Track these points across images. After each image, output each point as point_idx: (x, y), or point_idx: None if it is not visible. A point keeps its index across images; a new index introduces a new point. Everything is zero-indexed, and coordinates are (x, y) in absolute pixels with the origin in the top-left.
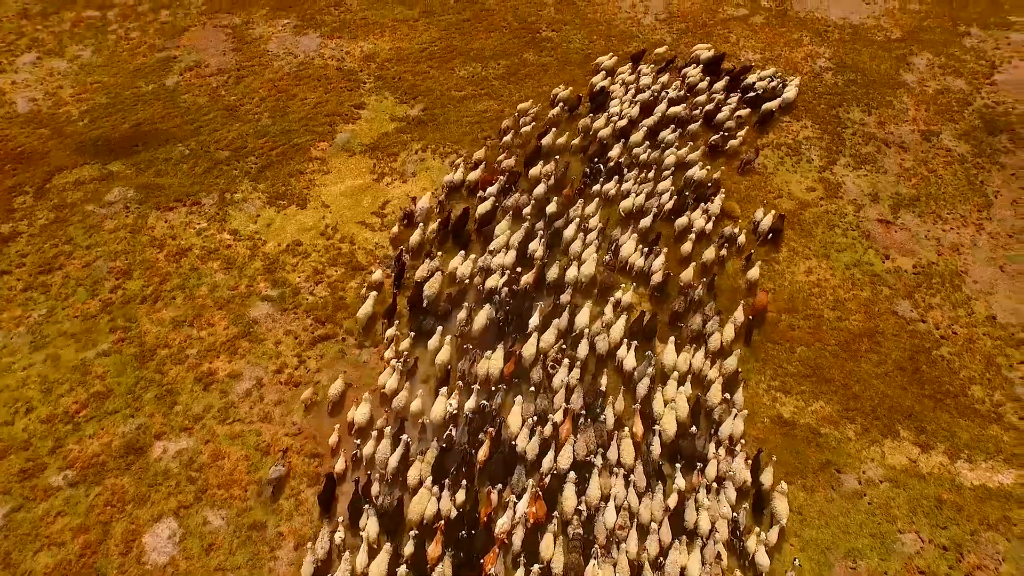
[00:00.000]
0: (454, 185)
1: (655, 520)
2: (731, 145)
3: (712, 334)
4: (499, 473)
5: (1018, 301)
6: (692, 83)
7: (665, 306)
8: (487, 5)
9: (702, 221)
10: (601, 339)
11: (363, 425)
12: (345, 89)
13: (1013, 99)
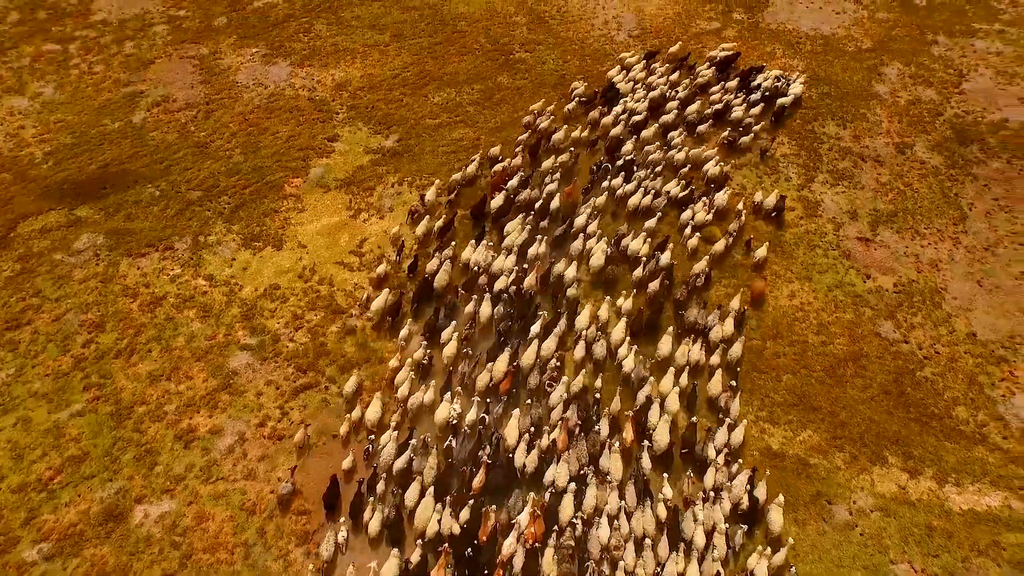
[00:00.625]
0: (467, 180)
1: (648, 535)
2: (743, 141)
3: (713, 327)
4: (499, 486)
5: (996, 316)
6: (702, 83)
7: (669, 296)
8: (459, 27)
9: (703, 214)
10: (599, 345)
11: (375, 424)
12: (317, 120)
13: (981, 108)
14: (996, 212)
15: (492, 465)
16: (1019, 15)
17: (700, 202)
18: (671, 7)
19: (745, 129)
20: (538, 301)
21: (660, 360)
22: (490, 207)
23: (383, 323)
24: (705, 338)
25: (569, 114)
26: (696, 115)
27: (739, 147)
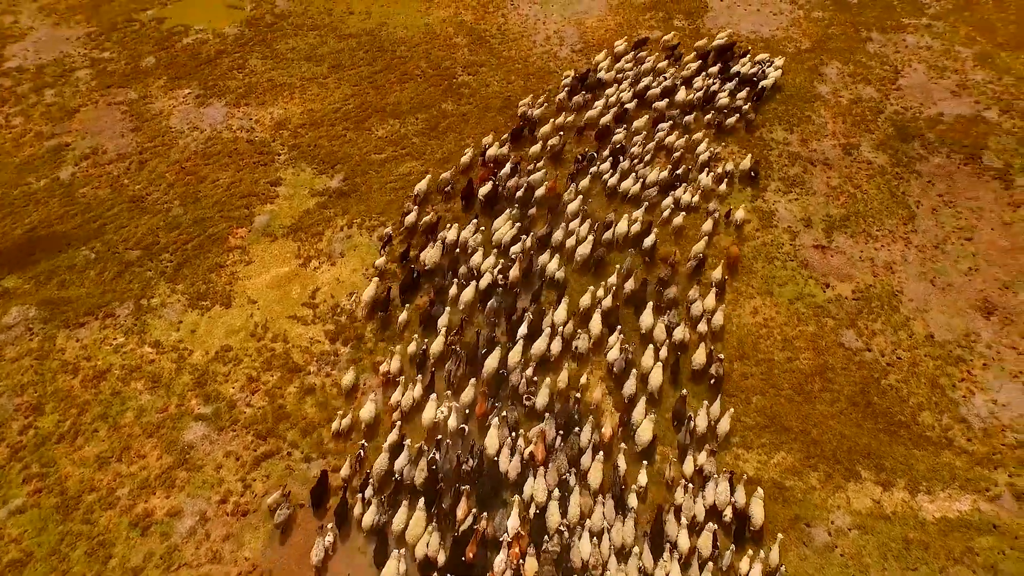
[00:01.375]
0: (462, 169)
1: (627, 545)
2: (729, 123)
3: (695, 301)
4: (486, 494)
5: (950, 314)
6: (687, 75)
7: (652, 274)
8: (398, 53)
9: (688, 196)
10: (582, 340)
11: (369, 423)
12: (259, 164)
13: (918, 103)
14: (941, 208)
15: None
16: (943, 9)
17: (683, 187)
18: (611, 18)
19: (729, 112)
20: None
21: (644, 333)
22: (478, 194)
23: (373, 316)
24: (688, 313)
25: (560, 104)
26: (685, 103)
27: (725, 128)
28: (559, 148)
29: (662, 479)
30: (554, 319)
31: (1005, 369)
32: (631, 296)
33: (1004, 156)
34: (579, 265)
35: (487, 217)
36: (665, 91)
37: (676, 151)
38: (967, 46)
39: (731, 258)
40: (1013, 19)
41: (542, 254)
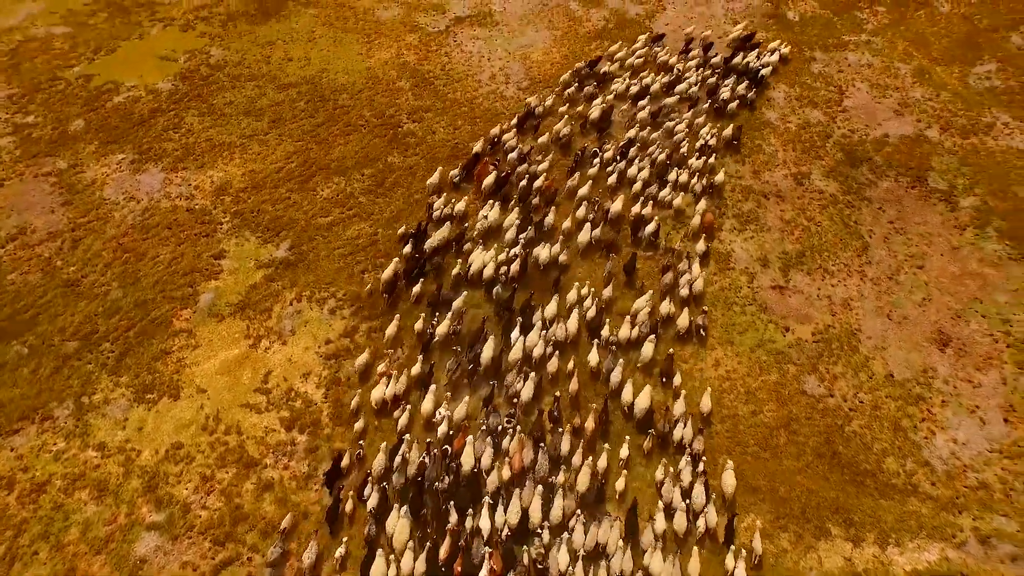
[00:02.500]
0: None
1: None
2: (731, 108)
3: (684, 273)
4: (466, 502)
5: (908, 349)
6: (685, 68)
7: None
8: (340, 102)
9: (685, 176)
10: (560, 329)
11: (381, 402)
12: (200, 235)
13: (864, 125)
14: (893, 236)
15: (458, 532)
16: (880, 24)
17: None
18: (557, 50)
19: (730, 99)
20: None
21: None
22: (483, 184)
23: (391, 292)
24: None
25: (569, 97)
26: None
27: (727, 114)
28: (568, 138)
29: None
30: (545, 314)
31: (962, 404)
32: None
33: (947, 177)
34: (582, 248)
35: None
36: (669, 84)
37: (676, 136)
38: (905, 62)
39: (706, 223)
40: (944, 32)
41: (540, 244)
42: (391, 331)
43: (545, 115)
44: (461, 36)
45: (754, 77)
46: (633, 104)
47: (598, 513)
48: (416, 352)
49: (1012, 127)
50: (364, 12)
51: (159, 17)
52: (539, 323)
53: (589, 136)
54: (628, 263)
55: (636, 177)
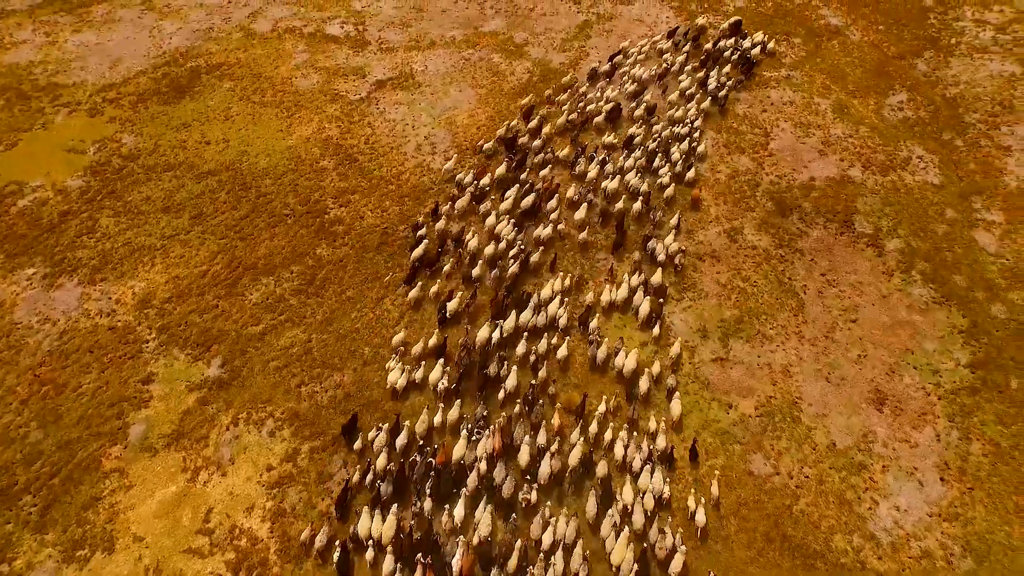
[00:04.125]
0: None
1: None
2: (721, 95)
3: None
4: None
5: (848, 414)
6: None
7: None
8: (263, 189)
9: (678, 155)
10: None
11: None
12: (125, 358)
13: (790, 169)
14: (826, 290)
15: (431, 566)
16: (797, 57)
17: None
18: (482, 111)
19: (720, 87)
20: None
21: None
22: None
23: (415, 277)
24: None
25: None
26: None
27: (720, 100)
28: (580, 126)
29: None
30: (541, 296)
31: (902, 467)
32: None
33: (872, 219)
34: (578, 225)
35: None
36: (660, 75)
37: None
38: (824, 96)
39: (695, 199)
40: (858, 62)
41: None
42: (414, 294)
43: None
44: (384, 103)
45: (745, 62)
46: (632, 100)
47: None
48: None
49: (926, 160)
50: (282, 82)
51: (63, 102)
52: (532, 304)
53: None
54: (618, 237)
55: (632, 166)
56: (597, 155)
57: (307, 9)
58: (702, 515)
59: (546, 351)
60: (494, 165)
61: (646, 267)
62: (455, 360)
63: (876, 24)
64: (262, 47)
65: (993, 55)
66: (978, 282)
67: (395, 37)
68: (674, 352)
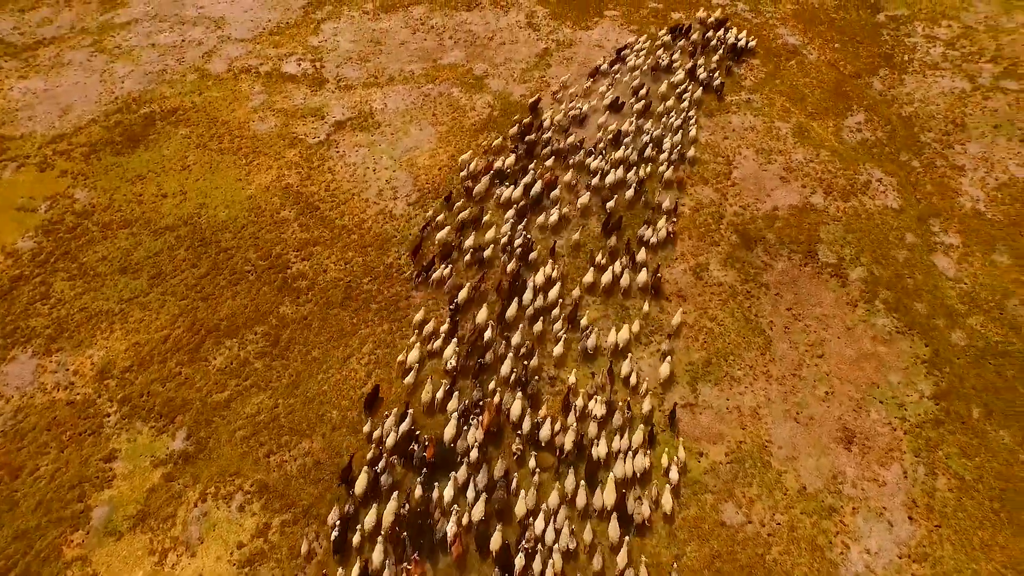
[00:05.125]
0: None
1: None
2: (716, 83)
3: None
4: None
5: (817, 455)
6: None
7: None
8: (223, 244)
9: (669, 144)
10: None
11: (411, 366)
12: (86, 434)
13: (754, 198)
14: (792, 325)
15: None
16: (757, 79)
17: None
18: (443, 150)
19: (711, 76)
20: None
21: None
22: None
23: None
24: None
25: (586, 92)
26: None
27: (713, 87)
28: (581, 118)
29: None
30: (535, 281)
31: (871, 508)
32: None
33: (835, 248)
34: (579, 211)
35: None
36: (653, 68)
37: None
38: (784, 119)
39: (678, 180)
40: (816, 83)
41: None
42: (437, 275)
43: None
44: (343, 145)
45: (734, 48)
46: (634, 94)
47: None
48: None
49: (885, 184)
50: (239, 127)
51: (11, 156)
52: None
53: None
54: (615, 221)
55: (626, 156)
56: (597, 147)
57: (263, 46)
58: (675, 472)
59: (540, 334)
60: (504, 156)
61: (636, 250)
62: (466, 339)
63: (832, 42)
64: (218, 89)
65: (944, 71)
66: (939, 309)
67: (353, 74)
68: (675, 321)
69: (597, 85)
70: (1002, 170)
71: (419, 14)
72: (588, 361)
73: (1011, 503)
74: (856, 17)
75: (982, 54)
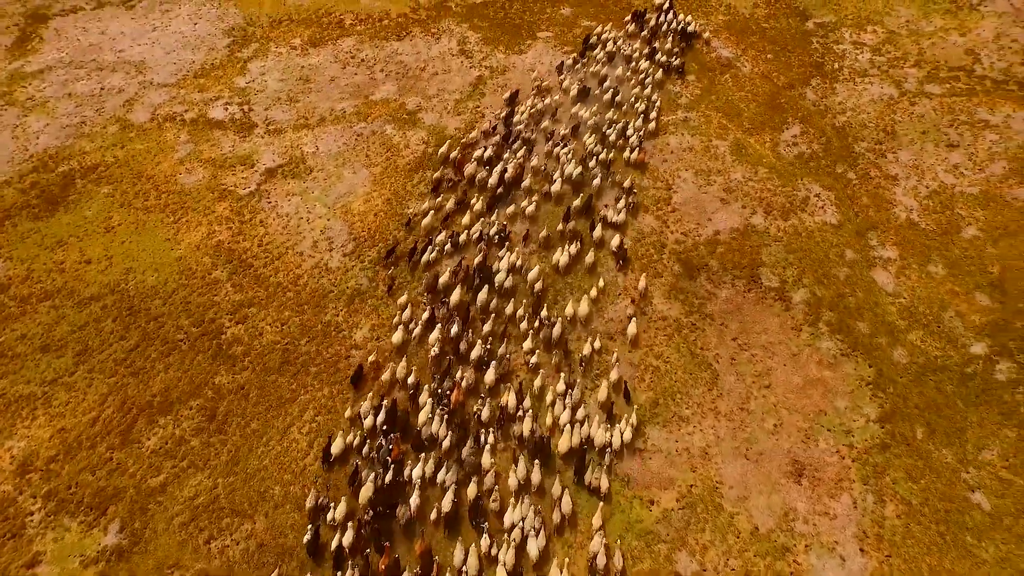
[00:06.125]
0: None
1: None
2: (674, 64)
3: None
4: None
5: (768, 492)
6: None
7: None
8: (153, 312)
9: (641, 121)
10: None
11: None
12: (5, 539)
13: (695, 223)
14: (739, 355)
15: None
16: (693, 97)
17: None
18: (378, 194)
19: (669, 55)
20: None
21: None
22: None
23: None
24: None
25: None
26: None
27: (672, 68)
28: (555, 109)
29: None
30: (501, 266)
31: (823, 543)
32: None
33: (778, 270)
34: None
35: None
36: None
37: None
38: (722, 137)
39: (638, 161)
40: (751, 97)
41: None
42: (425, 259)
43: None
44: (275, 195)
45: (684, 32)
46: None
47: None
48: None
49: (823, 198)
50: (165, 181)
51: None
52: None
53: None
54: (584, 203)
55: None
56: (564, 136)
57: (187, 90)
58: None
59: (508, 318)
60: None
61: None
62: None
63: (765, 53)
64: (141, 141)
65: (872, 78)
66: (880, 327)
67: (283, 116)
68: (641, 285)
69: (565, 77)
70: (932, 177)
71: (348, 47)
72: (554, 347)
73: (955, 524)
74: (786, 25)
75: (906, 59)
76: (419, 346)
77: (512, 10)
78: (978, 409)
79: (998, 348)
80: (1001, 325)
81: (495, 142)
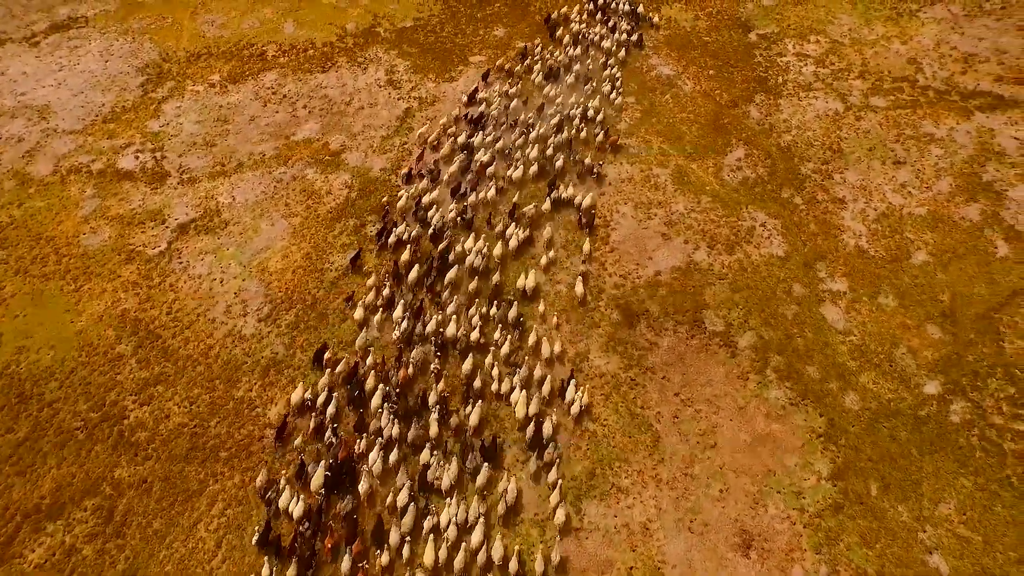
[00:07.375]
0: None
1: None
2: (633, 39)
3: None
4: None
5: (715, 569)
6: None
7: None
8: (47, 396)
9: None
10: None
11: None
12: None
13: (634, 263)
14: (682, 412)
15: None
16: (633, 119)
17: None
18: (297, 248)
19: (629, 35)
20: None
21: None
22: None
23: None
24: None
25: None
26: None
27: (632, 44)
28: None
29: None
30: (464, 247)
31: None
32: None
33: (722, 312)
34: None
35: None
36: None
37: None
38: (663, 164)
39: (610, 141)
40: (693, 118)
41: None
42: (393, 239)
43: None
44: (187, 254)
45: (633, 13)
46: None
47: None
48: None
49: (769, 227)
50: (67, 243)
51: None
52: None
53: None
54: (548, 182)
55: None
56: (529, 121)
57: (95, 137)
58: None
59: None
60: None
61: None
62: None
63: (707, 69)
64: (42, 197)
65: (817, 92)
66: (831, 370)
67: (198, 163)
68: (585, 249)
69: (529, 63)
70: (880, 198)
71: (270, 81)
72: (511, 328)
73: None
74: (729, 38)
75: (850, 70)
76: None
77: (443, 33)
78: (933, 457)
79: (951, 386)
80: (954, 360)
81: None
